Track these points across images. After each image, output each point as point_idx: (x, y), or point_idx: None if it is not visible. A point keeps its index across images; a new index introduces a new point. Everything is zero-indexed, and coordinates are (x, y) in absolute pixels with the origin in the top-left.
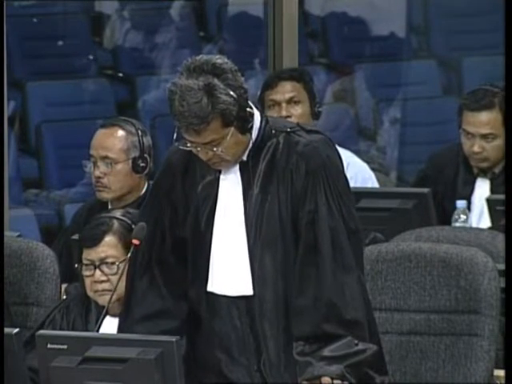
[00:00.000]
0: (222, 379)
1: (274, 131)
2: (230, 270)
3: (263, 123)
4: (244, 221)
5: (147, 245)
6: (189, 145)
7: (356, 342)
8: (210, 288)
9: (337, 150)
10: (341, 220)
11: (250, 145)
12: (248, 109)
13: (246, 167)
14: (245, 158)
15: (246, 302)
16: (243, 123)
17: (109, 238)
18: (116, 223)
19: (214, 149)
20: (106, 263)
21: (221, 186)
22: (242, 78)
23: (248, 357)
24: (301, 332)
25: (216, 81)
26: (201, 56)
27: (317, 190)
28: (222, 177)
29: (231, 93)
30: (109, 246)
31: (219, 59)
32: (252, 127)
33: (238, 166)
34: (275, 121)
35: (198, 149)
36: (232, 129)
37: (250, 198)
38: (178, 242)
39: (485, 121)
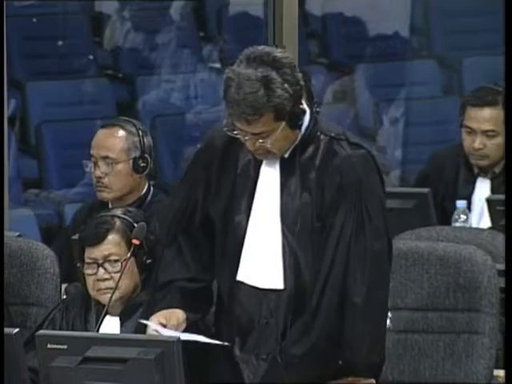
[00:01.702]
0: (230, 362)
1: (319, 133)
2: (262, 262)
3: (312, 122)
4: (280, 216)
5: (177, 215)
6: (236, 132)
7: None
8: (241, 277)
9: (377, 166)
10: (363, 239)
11: (297, 141)
12: (301, 106)
13: (287, 164)
14: (287, 154)
15: (267, 294)
16: (295, 119)
17: (112, 236)
18: (118, 221)
19: (261, 140)
20: (109, 261)
21: (260, 178)
22: (300, 75)
23: (260, 345)
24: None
25: (274, 74)
26: (263, 47)
27: (345, 207)
28: (262, 169)
29: (288, 88)
30: (112, 244)
31: (280, 53)
32: (302, 124)
33: (278, 161)
34: (324, 123)
35: (246, 138)
36: (283, 123)
37: (287, 195)
38: (208, 218)
39: (487, 117)
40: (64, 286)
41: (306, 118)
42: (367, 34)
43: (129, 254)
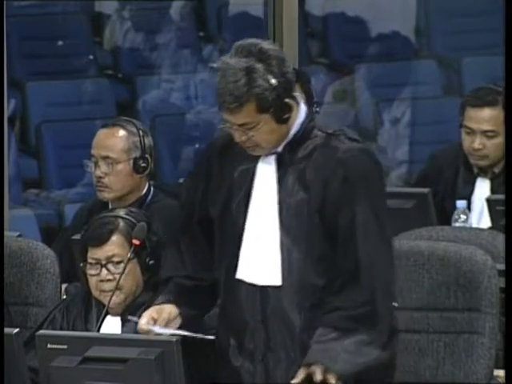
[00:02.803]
0: (227, 365)
1: (316, 130)
2: (259, 258)
3: (308, 119)
4: (278, 212)
5: (180, 217)
6: (227, 124)
7: (369, 340)
8: (240, 275)
9: (378, 160)
10: (377, 230)
11: (290, 137)
12: (287, 99)
13: (283, 160)
14: (280, 149)
15: (264, 292)
16: (279, 113)
17: (115, 237)
18: (122, 222)
19: (248, 132)
20: (112, 262)
21: (257, 174)
22: (290, 69)
23: (256, 346)
24: (325, 322)
25: (258, 64)
26: (252, 39)
27: (355, 199)
28: (258, 166)
29: (270, 79)
30: (116, 245)
31: (268, 44)
32: (289, 118)
33: (274, 157)
34: (320, 121)
35: (233, 129)
36: (267, 116)
37: (284, 191)
38: (207, 220)
39: (487, 117)
40: (64, 285)
41: (301, 114)
42: (367, 34)
43: (129, 254)
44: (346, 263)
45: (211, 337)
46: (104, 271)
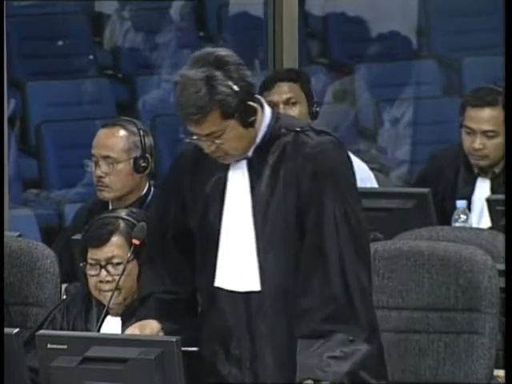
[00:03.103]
0: (215, 374)
1: (283, 130)
2: (237, 265)
3: (273, 120)
4: (252, 217)
5: (152, 233)
6: (194, 137)
7: (351, 338)
8: (218, 283)
9: (347, 152)
10: (346, 223)
11: (258, 140)
12: (251, 103)
13: (254, 164)
14: (250, 153)
15: (246, 298)
16: (244, 117)
17: (116, 238)
18: (122, 223)
19: (216, 141)
20: (112, 263)
21: (229, 182)
22: (248, 73)
23: (242, 353)
24: (302, 331)
25: (217, 72)
26: (207, 48)
27: (323, 192)
28: (230, 173)
29: (231, 85)
30: (116, 246)
31: (223, 51)
32: (255, 121)
33: (245, 163)
34: (287, 119)
35: (201, 141)
36: (232, 121)
37: (257, 195)
38: (181, 233)
39: (487, 117)
40: (64, 285)
41: (267, 116)
42: (367, 34)
43: (129, 254)
44: (315, 260)
45: (194, 348)
46: (103, 272)
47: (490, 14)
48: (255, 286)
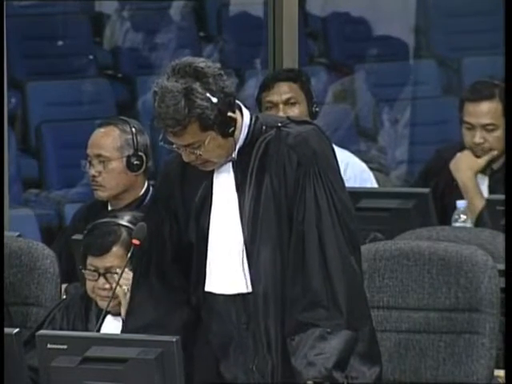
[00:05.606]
0: (219, 379)
1: (264, 127)
2: (226, 268)
3: (253, 121)
4: (239, 218)
5: (146, 255)
6: (174, 146)
7: (328, 330)
8: (208, 288)
9: (328, 139)
10: (330, 210)
11: (240, 143)
12: (230, 113)
13: (239, 165)
14: (234, 155)
15: (243, 299)
16: (223, 128)
17: (116, 249)
18: (124, 233)
19: (195, 151)
20: (111, 273)
21: (214, 186)
22: (227, 82)
23: (245, 355)
24: (289, 327)
25: (196, 84)
26: (186, 58)
27: (306, 181)
28: (215, 177)
29: (210, 97)
30: (115, 257)
31: (202, 62)
32: (234, 130)
33: (230, 165)
34: (266, 117)
35: (181, 150)
36: (211, 133)
37: (245, 195)
38: (181, 250)
39: (485, 111)
40: (64, 285)
41: (246, 118)
42: (367, 34)
43: (129, 255)
44: (299, 250)
45: None
46: (101, 280)
47: (490, 14)
48: (244, 287)
